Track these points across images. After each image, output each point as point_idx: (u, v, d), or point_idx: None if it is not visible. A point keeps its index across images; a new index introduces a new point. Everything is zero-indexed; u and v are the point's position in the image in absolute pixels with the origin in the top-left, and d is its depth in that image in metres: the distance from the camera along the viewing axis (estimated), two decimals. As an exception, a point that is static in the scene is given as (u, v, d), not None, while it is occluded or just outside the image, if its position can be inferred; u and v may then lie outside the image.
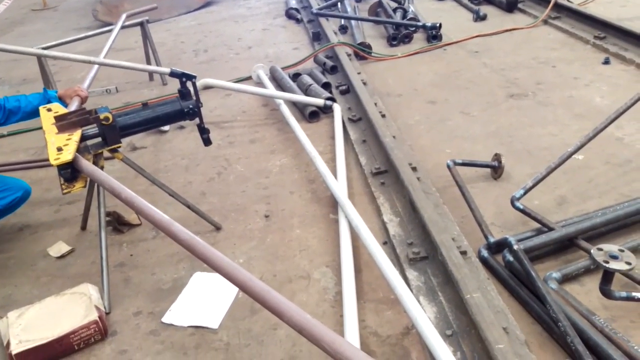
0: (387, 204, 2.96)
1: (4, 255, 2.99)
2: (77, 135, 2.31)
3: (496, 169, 3.11)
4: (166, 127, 4.20)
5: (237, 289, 2.57)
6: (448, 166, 3.03)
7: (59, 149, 2.17)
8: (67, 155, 2.12)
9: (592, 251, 2.08)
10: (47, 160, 3.63)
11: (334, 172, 3.21)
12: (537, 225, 2.65)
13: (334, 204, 3.05)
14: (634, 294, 2.15)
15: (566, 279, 2.37)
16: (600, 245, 2.11)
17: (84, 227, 3.12)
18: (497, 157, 3.10)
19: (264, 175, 3.48)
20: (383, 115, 3.70)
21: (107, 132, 2.42)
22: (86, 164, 2.11)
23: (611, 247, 2.10)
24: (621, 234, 2.58)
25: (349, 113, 4.02)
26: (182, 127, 4.24)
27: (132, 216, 3.12)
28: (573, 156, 2.95)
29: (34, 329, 2.32)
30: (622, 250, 2.08)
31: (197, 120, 2.77)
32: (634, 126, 3.48)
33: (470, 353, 2.05)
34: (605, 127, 2.86)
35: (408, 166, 2.99)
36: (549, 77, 4.43)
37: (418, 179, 2.97)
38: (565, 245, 2.54)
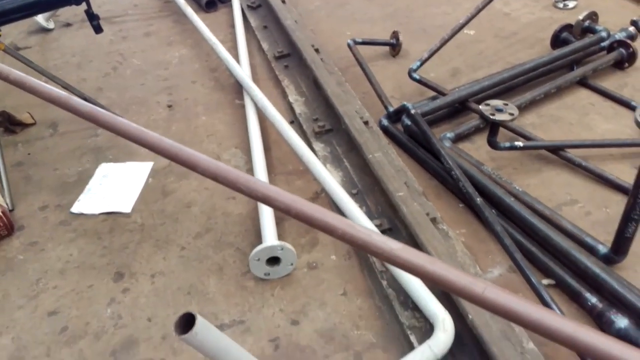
0: (292, 86, 2.99)
1: None
2: (-56, 15, 2.08)
3: (394, 47, 3.21)
4: (50, 24, 3.86)
5: (146, 174, 2.56)
6: (349, 45, 3.09)
7: None
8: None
9: (480, 106, 2.27)
10: None
11: (237, 59, 3.16)
12: (433, 94, 2.82)
13: (238, 90, 3.03)
14: (515, 143, 2.39)
15: (459, 138, 2.58)
16: (487, 101, 2.30)
17: (-31, 131, 2.90)
18: (395, 34, 3.19)
19: (162, 67, 3.35)
20: (283, 1, 3.63)
21: (-20, 15, 2.21)
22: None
23: (496, 101, 2.29)
24: (507, 96, 2.80)
25: (247, 0, 3.90)
26: (68, 25, 3.92)
27: (24, 115, 2.92)
28: (465, 32, 3.11)
29: None
30: (506, 104, 2.28)
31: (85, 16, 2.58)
32: (520, 2, 3.69)
33: (374, 206, 2.22)
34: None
35: (311, 47, 3.01)
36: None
37: (321, 60, 3.01)
38: (458, 110, 2.73)
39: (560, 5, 3.67)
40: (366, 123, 2.56)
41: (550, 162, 2.46)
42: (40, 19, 3.80)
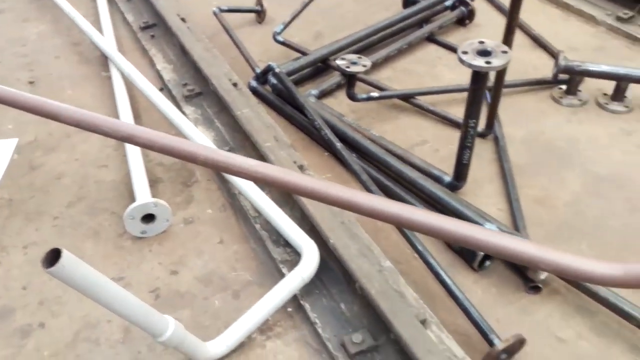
0: (159, 55, 3.00)
1: None
2: None
3: (259, 13, 3.32)
4: None
5: (10, 151, 2.48)
6: (214, 13, 3.15)
7: None
8: None
9: (336, 60, 2.45)
10: None
11: (101, 32, 3.10)
12: (297, 55, 2.97)
13: (104, 62, 2.99)
14: (371, 94, 2.61)
15: (323, 94, 2.77)
16: (343, 55, 2.49)
17: None
18: (259, 1, 3.30)
19: (20, 44, 3.20)
20: (146, -27, 3.59)
21: None
22: None
23: (351, 56, 2.49)
24: (364, 54, 2.99)
25: (109, -26, 3.81)
26: None
27: None
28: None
29: None
30: (360, 57, 2.49)
31: None
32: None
33: (246, 160, 2.34)
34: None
35: (176, 16, 3.04)
36: None
37: (188, 28, 3.05)
38: (321, 70, 2.91)
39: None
40: (235, 85, 2.66)
41: (404, 110, 2.72)
42: None
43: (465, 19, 3.25)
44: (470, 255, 1.96)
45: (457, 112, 2.65)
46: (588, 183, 2.31)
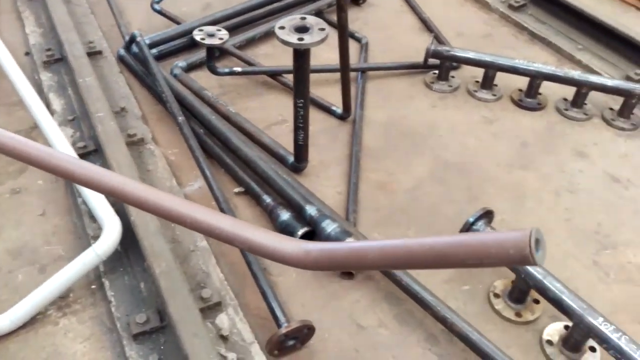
0: (32, 17, 2.89)
1: None
2: None
3: (148, -20, 3.21)
4: None
5: None
6: (96, -23, 3.04)
7: None
8: None
9: (194, 32, 2.37)
10: None
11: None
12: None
13: (-27, 23, 2.88)
14: (234, 68, 2.55)
15: (192, 67, 2.69)
16: (202, 27, 2.41)
17: None
18: (147, -32, 3.19)
19: None
20: None
21: None
22: None
23: (210, 28, 2.41)
24: (244, 29, 2.95)
25: None
26: None
27: None
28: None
29: None
30: (219, 30, 2.40)
31: None
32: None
33: (87, 130, 2.27)
34: None
35: (51, -23, 2.92)
36: None
37: (68, -7, 2.95)
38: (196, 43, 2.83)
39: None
40: (99, 52, 2.58)
41: (272, 88, 2.67)
42: None
43: (359, -1, 3.19)
44: (289, 235, 1.93)
45: (325, 93, 2.61)
46: (434, 169, 2.29)
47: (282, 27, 1.79)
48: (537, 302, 1.75)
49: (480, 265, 0.88)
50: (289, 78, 2.62)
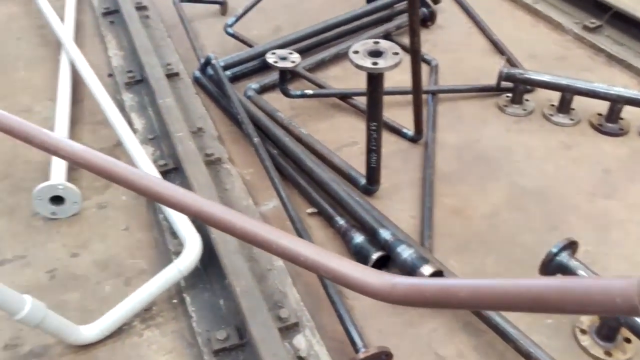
0: (114, 41, 3.04)
1: None
2: None
3: (222, 5, 3.33)
4: None
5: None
6: (174, 3, 3.17)
7: None
8: None
9: (266, 55, 2.44)
10: None
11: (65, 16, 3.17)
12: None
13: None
14: (305, 91, 2.59)
15: (264, 89, 2.76)
16: (274, 50, 2.47)
17: None
18: (221, -7, 3.32)
19: (-12, 24, 3.31)
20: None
21: None
22: None
23: (282, 51, 2.47)
24: (315, 51, 3.00)
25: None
26: None
27: None
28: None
29: None
30: (290, 53, 2.46)
31: None
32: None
33: (167, 149, 2.35)
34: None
35: (131, 3, 3.07)
36: None
37: (147, 17, 3.09)
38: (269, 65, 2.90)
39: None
40: (176, 74, 2.68)
41: (343, 110, 2.69)
42: None
43: (427, 21, 3.18)
44: (363, 258, 1.93)
45: (395, 115, 2.61)
46: (511, 196, 2.24)
47: (356, 52, 1.81)
48: (628, 341, 1.67)
49: (580, 312, 0.83)
50: (360, 100, 2.65)
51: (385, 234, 1.91)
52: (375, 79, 1.82)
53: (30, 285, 1.91)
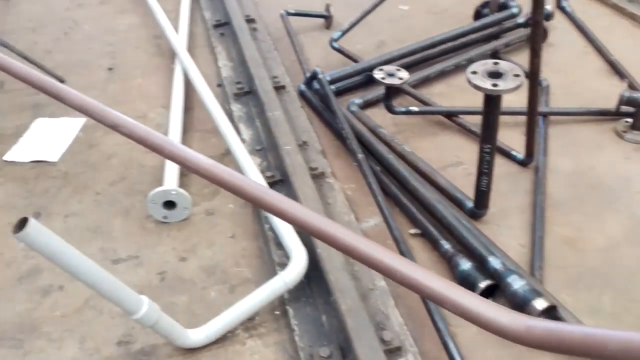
0: (223, 52, 3.17)
1: None
2: None
3: (327, 19, 3.37)
4: (12, -9, 4.06)
5: (77, 129, 2.76)
6: (281, 16, 3.25)
7: None
8: None
9: (374, 71, 2.43)
10: None
11: (178, 27, 3.34)
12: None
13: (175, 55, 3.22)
14: (410, 108, 2.56)
15: (368, 104, 2.75)
16: (381, 67, 2.46)
17: None
18: (327, 7, 3.36)
19: (110, 34, 3.54)
20: (232, -26, 3.80)
21: None
22: None
23: (390, 67, 2.46)
24: (420, 67, 2.97)
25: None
26: (30, -8, 4.11)
27: (-28, 73, 3.12)
28: (400, 7, 3.26)
29: None
30: (398, 70, 2.44)
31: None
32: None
33: (273, 161, 2.41)
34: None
35: (241, 16, 3.19)
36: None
37: (255, 29, 3.20)
38: (372, 79, 2.89)
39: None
40: (282, 87, 2.74)
41: (447, 128, 2.64)
42: (3, -15, 3.99)
43: (538, 38, 3.05)
44: (470, 286, 1.87)
45: (503, 136, 2.51)
46: (631, 229, 2.09)
47: (474, 72, 1.76)
48: None
49: None
50: (467, 119, 2.58)
51: (495, 263, 1.84)
52: (493, 100, 1.76)
53: (142, 285, 2.01)
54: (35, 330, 1.88)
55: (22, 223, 1.31)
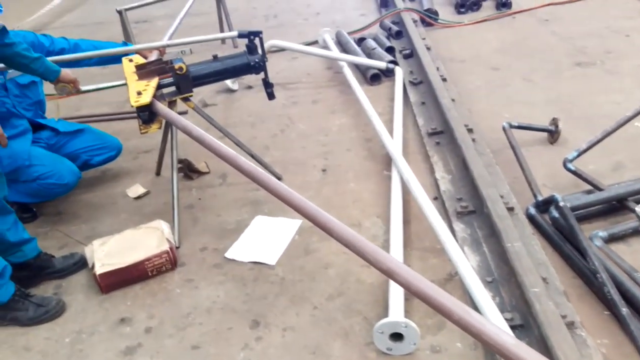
0: (440, 163, 3.05)
1: (89, 195, 3.34)
2: (154, 82, 2.56)
3: (553, 134, 3.12)
4: (235, 86, 4.44)
5: (294, 231, 2.78)
6: (504, 128, 3.08)
7: (139, 93, 2.43)
8: (146, 98, 2.37)
9: (636, 208, 2.12)
10: (127, 113, 3.99)
11: (391, 132, 3.32)
12: (588, 188, 2.67)
13: (388, 161, 3.17)
14: (680, 253, 2.17)
15: (612, 238, 2.40)
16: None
17: (158, 173, 3.42)
18: (554, 121, 3.11)
19: (323, 134, 3.65)
20: (444, 79, 3.76)
21: (180, 81, 2.66)
22: (161, 106, 2.36)
23: (658, 205, 2.12)
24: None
25: (410, 76, 4.10)
26: (250, 87, 4.47)
27: (201, 164, 3.38)
28: (636, 124, 2.92)
29: (115, 255, 2.61)
30: (668, 209, 2.10)
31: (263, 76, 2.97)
32: None
33: (509, 298, 2.16)
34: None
35: (463, 126, 3.07)
36: (620, 46, 4.30)
37: (473, 140, 3.05)
38: (615, 208, 2.55)
39: None
40: (511, 209, 2.52)
41: None
42: (227, 81, 4.39)
43: None
44: None
45: None
46: None
47: None
48: None
49: None
50: None
51: None
52: None
53: None
54: None
55: None
